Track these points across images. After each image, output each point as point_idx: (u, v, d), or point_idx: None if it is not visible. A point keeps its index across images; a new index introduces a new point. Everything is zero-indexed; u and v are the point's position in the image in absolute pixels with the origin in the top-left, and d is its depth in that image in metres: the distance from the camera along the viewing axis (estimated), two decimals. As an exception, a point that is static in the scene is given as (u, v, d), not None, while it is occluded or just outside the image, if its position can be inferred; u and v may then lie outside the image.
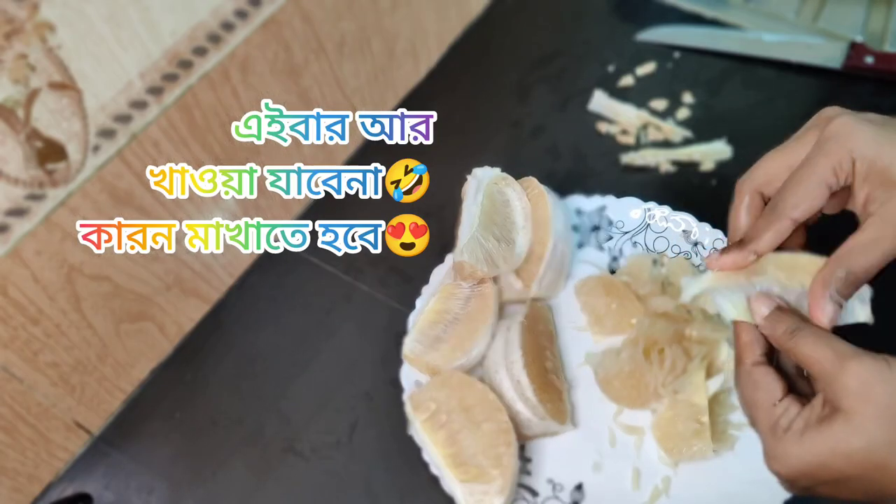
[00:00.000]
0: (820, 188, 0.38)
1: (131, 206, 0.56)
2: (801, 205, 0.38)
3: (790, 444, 0.35)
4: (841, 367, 0.34)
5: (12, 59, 0.44)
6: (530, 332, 0.58)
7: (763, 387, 0.38)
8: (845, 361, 0.34)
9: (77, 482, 0.60)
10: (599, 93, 0.78)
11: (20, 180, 0.48)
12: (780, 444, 0.36)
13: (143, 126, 0.54)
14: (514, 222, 0.63)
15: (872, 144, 0.36)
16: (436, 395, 0.56)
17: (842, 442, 0.33)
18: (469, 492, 0.51)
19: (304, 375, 0.64)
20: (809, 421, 0.35)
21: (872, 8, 0.81)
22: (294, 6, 0.62)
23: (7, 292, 0.51)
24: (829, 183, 0.37)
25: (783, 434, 0.36)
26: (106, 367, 0.61)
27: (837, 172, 0.37)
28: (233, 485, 0.59)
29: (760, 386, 0.38)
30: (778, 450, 0.36)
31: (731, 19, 0.83)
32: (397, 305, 0.66)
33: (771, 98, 0.76)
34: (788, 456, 0.35)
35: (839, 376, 0.34)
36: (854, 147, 0.37)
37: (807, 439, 0.35)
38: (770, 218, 0.39)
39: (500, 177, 0.66)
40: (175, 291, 0.64)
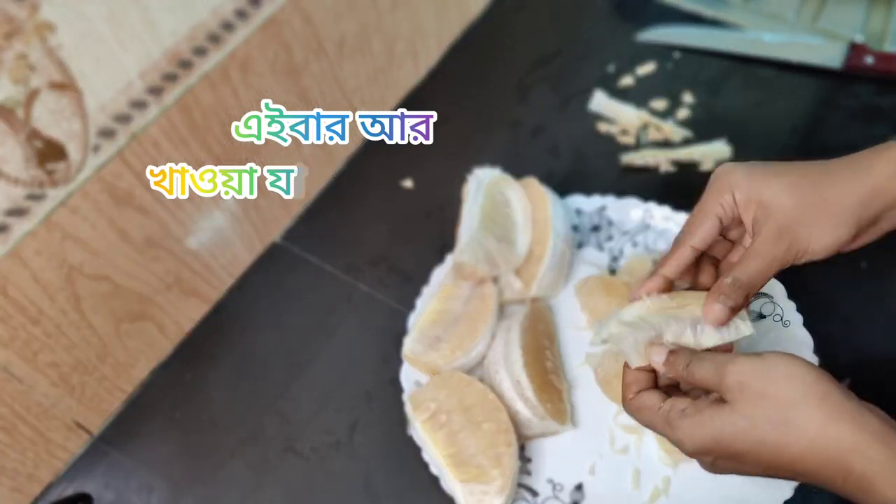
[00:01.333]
0: (710, 218, 0.45)
1: (131, 205, 0.56)
2: (697, 234, 0.45)
3: (686, 425, 0.40)
4: (722, 374, 0.40)
5: (12, 59, 0.44)
6: (530, 332, 0.58)
7: (646, 404, 0.44)
8: (723, 368, 0.40)
9: (77, 482, 0.60)
10: (599, 93, 0.78)
11: (20, 180, 0.48)
12: (678, 429, 0.41)
13: (143, 126, 0.54)
14: (514, 222, 0.63)
15: (745, 177, 0.44)
16: (436, 394, 0.56)
17: (728, 424, 0.39)
18: (469, 492, 0.51)
19: (304, 375, 0.64)
20: (700, 407, 0.41)
21: (872, 8, 0.81)
22: (294, 6, 0.62)
23: (7, 292, 0.51)
24: (718, 213, 0.45)
25: (678, 420, 0.41)
26: (106, 367, 0.61)
27: (723, 204, 0.45)
28: (233, 485, 0.59)
29: (644, 404, 0.44)
30: (679, 433, 0.41)
31: (731, 19, 0.83)
32: (397, 305, 0.66)
33: (771, 98, 0.76)
34: (688, 435, 0.40)
35: (722, 381, 0.40)
36: (731, 182, 0.44)
37: (699, 420, 0.40)
38: (674, 247, 0.46)
39: (500, 177, 0.66)
40: (175, 291, 0.64)
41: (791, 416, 0.37)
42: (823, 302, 0.61)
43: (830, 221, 0.43)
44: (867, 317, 0.61)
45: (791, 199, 0.43)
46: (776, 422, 0.38)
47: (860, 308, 0.61)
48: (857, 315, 0.61)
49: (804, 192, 0.43)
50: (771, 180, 0.44)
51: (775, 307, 0.58)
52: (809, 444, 0.37)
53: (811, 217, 0.43)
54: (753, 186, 0.44)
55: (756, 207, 0.44)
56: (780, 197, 0.43)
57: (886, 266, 0.63)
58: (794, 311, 0.59)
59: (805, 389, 0.38)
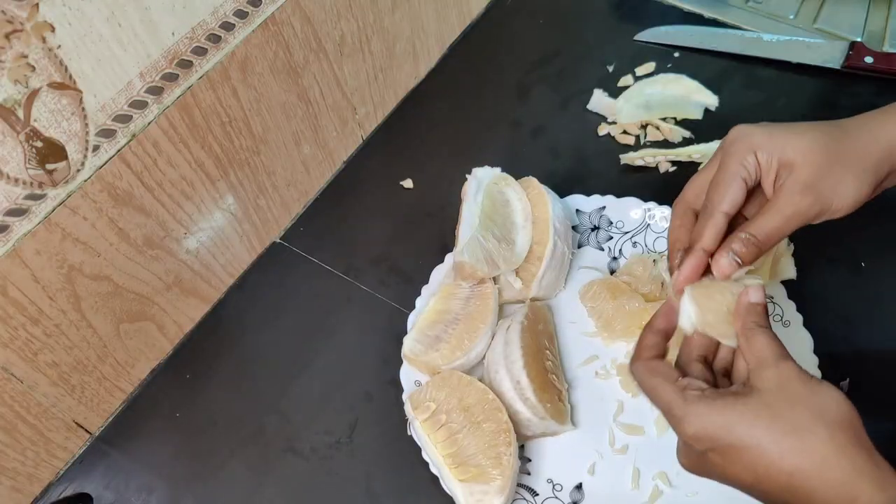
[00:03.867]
0: (736, 181, 0.44)
1: (131, 205, 0.56)
2: (726, 199, 0.44)
3: (702, 404, 0.39)
4: (775, 362, 0.39)
5: (12, 59, 0.44)
6: (530, 332, 0.58)
7: (661, 371, 0.42)
8: (781, 360, 0.39)
9: (77, 482, 0.60)
10: (599, 93, 0.78)
11: (20, 180, 0.48)
12: (691, 405, 0.39)
13: (143, 126, 0.54)
14: (514, 222, 0.63)
15: (766, 137, 0.43)
16: (435, 394, 0.56)
17: (749, 411, 0.38)
18: (469, 491, 0.51)
19: (304, 375, 0.64)
20: (723, 393, 0.39)
21: (872, 8, 0.81)
22: (294, 6, 0.62)
23: (7, 292, 0.51)
24: (743, 176, 0.44)
25: (695, 398, 0.39)
26: (106, 367, 0.61)
27: (745, 165, 0.44)
28: (233, 484, 0.59)
29: (659, 371, 0.42)
30: (689, 409, 0.39)
31: (731, 19, 0.83)
32: (397, 305, 0.66)
33: (771, 98, 0.76)
34: (698, 414, 0.39)
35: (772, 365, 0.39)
36: (752, 143, 0.43)
37: (718, 403, 0.39)
38: (705, 217, 0.45)
39: (500, 177, 0.66)
40: (175, 291, 0.64)
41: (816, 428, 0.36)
42: (823, 302, 0.61)
43: (853, 177, 0.42)
44: (867, 317, 0.61)
45: (815, 157, 0.42)
46: (799, 428, 0.36)
47: (860, 308, 0.61)
48: (857, 315, 0.61)
49: (827, 149, 0.42)
50: (792, 139, 0.43)
51: (775, 307, 0.59)
52: (821, 461, 0.36)
53: (835, 173, 0.42)
54: (776, 146, 0.43)
55: (779, 167, 0.43)
56: (804, 154, 0.42)
57: (886, 266, 0.63)
58: (794, 311, 0.59)
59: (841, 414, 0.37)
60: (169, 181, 0.58)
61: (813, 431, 0.36)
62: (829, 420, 0.36)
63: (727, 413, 0.38)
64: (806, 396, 0.37)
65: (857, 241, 0.65)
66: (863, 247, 0.64)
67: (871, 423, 0.55)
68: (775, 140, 0.43)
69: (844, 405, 0.37)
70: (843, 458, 0.35)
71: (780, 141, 0.43)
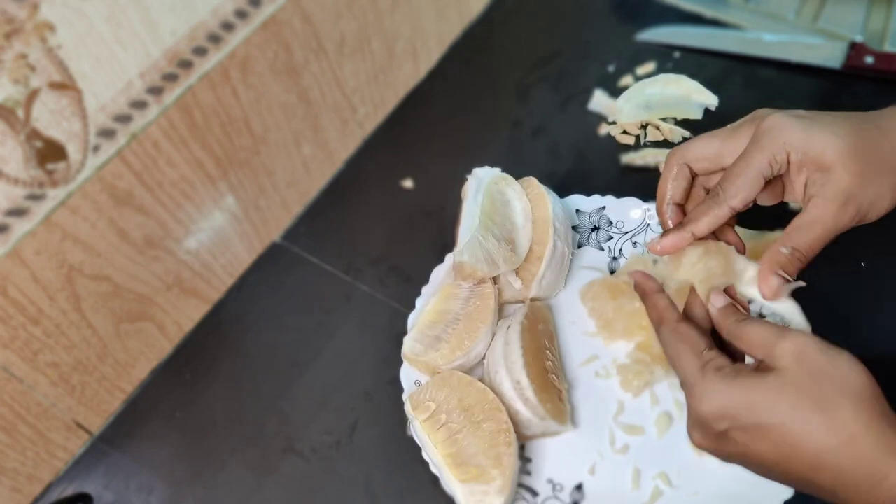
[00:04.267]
0: (757, 179, 0.42)
1: (131, 205, 0.56)
2: (740, 194, 0.42)
3: (721, 382, 0.38)
4: (781, 338, 0.37)
5: (12, 59, 0.44)
6: (530, 332, 0.58)
7: (688, 339, 0.41)
8: (785, 333, 0.38)
9: (77, 482, 0.60)
10: (599, 93, 0.78)
11: (20, 180, 0.48)
12: (709, 382, 0.38)
13: (143, 126, 0.54)
14: (514, 222, 0.63)
15: (803, 136, 0.40)
16: (435, 394, 0.56)
17: (772, 390, 0.36)
18: (469, 492, 0.51)
19: (304, 375, 0.64)
20: (742, 370, 0.38)
21: (872, 8, 0.81)
22: (294, 6, 0.62)
23: (7, 292, 0.51)
24: (766, 174, 0.42)
25: (714, 374, 0.38)
26: (106, 367, 0.61)
27: (772, 164, 0.41)
28: (233, 485, 0.59)
29: (686, 338, 0.41)
30: (707, 386, 0.38)
31: (731, 19, 0.83)
32: (397, 305, 0.66)
33: (771, 98, 0.76)
34: (717, 392, 0.38)
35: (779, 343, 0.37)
36: (787, 140, 0.41)
37: (738, 382, 0.37)
38: (710, 204, 0.43)
39: (500, 177, 0.66)
40: (175, 291, 0.64)
41: (842, 403, 0.35)
42: (823, 302, 0.61)
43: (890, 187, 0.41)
44: (867, 317, 0.61)
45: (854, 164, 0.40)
46: (825, 404, 0.35)
47: (860, 308, 0.61)
48: (857, 315, 0.61)
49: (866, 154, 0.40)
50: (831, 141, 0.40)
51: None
52: (849, 439, 0.35)
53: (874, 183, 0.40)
54: (813, 147, 0.40)
55: (815, 169, 0.41)
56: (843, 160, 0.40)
57: (886, 266, 0.63)
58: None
59: (862, 385, 0.36)
60: (169, 181, 0.58)
61: (839, 407, 0.35)
62: (853, 393, 0.35)
63: (749, 391, 0.37)
64: (827, 368, 0.36)
65: (857, 241, 0.64)
66: (863, 247, 0.64)
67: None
68: (812, 141, 0.40)
69: (864, 375, 0.36)
70: (870, 436, 0.35)
71: (818, 143, 0.40)
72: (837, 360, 0.36)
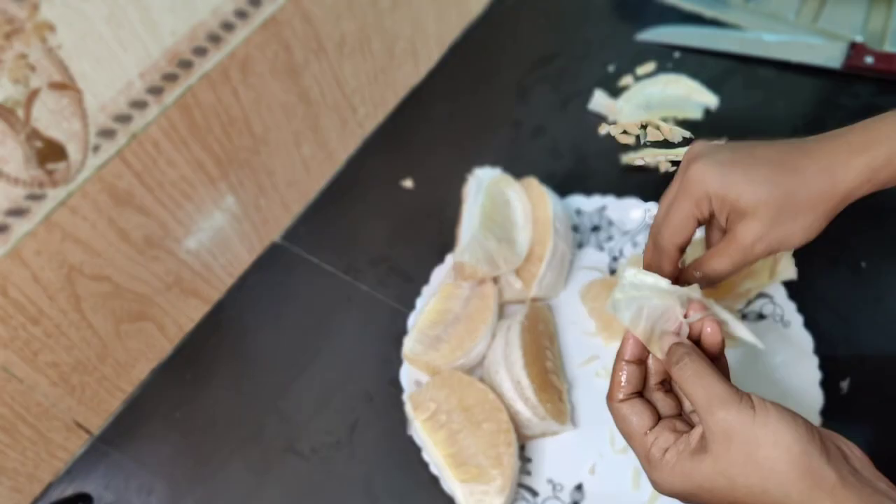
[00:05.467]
0: (688, 221, 0.46)
1: (131, 205, 0.56)
2: (677, 236, 0.47)
3: (664, 471, 0.40)
4: (710, 412, 0.38)
5: (12, 59, 0.44)
6: (530, 332, 0.58)
7: (630, 420, 0.42)
8: (713, 407, 0.38)
9: (77, 482, 0.60)
10: (599, 93, 0.78)
11: (20, 180, 0.48)
12: (655, 470, 0.40)
13: (143, 126, 0.54)
14: (514, 222, 0.63)
15: (721, 184, 0.44)
16: (436, 394, 0.56)
17: (707, 479, 0.38)
18: (469, 492, 0.51)
19: (304, 375, 0.64)
20: (682, 453, 0.39)
21: (872, 8, 0.81)
22: (294, 6, 0.62)
23: (7, 292, 0.51)
24: (696, 215, 0.46)
25: (658, 462, 0.40)
26: (106, 367, 0.61)
27: (700, 207, 0.46)
28: (233, 485, 0.59)
29: (628, 419, 0.42)
30: (654, 475, 0.41)
31: (731, 19, 0.83)
32: (397, 305, 0.66)
33: (771, 98, 0.76)
34: (663, 482, 0.40)
35: (708, 419, 0.38)
36: (707, 187, 0.45)
37: (678, 470, 0.39)
38: (659, 252, 0.48)
39: (500, 177, 0.66)
40: (175, 291, 0.64)
41: (770, 487, 0.37)
42: (823, 302, 0.61)
43: (804, 226, 0.44)
44: (867, 317, 0.61)
45: (768, 210, 0.43)
46: (756, 490, 0.37)
47: (860, 308, 0.61)
48: (857, 315, 0.61)
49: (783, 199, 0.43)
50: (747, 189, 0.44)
51: (775, 307, 0.59)
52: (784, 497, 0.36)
53: (784, 225, 0.44)
54: (730, 193, 0.44)
55: (731, 212, 0.45)
56: (756, 207, 0.43)
57: (886, 266, 0.63)
58: (794, 312, 0.59)
59: (790, 460, 0.36)
60: (169, 181, 0.58)
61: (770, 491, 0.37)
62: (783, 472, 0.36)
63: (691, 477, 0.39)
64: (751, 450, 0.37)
65: (857, 241, 0.65)
66: (863, 247, 0.64)
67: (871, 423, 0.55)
68: (729, 189, 0.44)
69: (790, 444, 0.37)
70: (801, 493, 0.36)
71: (733, 191, 0.44)
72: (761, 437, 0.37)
